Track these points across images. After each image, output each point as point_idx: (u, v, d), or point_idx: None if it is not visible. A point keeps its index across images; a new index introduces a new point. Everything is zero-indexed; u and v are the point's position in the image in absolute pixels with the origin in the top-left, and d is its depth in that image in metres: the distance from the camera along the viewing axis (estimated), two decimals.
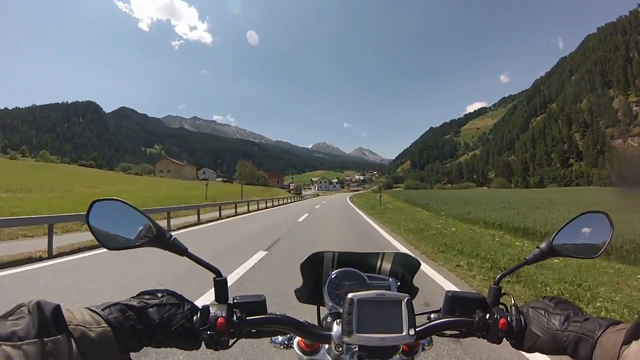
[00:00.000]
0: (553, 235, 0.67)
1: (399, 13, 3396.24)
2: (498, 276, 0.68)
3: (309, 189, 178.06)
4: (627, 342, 0.45)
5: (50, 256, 6.71)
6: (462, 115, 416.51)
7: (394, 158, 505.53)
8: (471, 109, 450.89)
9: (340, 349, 0.62)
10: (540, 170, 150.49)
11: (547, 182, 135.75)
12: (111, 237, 0.59)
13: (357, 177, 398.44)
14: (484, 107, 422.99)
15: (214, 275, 0.63)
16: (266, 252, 7.16)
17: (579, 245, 0.66)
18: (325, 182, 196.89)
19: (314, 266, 0.84)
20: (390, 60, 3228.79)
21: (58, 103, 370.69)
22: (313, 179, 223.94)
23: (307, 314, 0.83)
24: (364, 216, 18.13)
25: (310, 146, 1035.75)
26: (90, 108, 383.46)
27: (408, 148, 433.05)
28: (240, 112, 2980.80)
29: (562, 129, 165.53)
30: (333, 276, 0.82)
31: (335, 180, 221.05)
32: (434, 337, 0.74)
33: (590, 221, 0.67)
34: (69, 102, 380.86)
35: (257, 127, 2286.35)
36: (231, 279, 4.91)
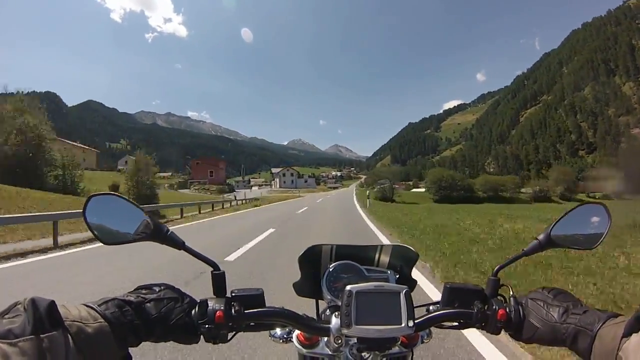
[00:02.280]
0: (551, 226, 0.65)
1: (376, 14, 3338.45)
2: (496, 267, 0.65)
3: (267, 185, 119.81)
4: (626, 334, 0.44)
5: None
6: (441, 111, 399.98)
7: (370, 155, 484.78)
8: (448, 106, 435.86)
9: (339, 341, 0.60)
10: (560, 162, 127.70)
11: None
12: (108, 232, 0.58)
13: (334, 173, 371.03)
14: (463, 104, 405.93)
15: (212, 269, 0.61)
16: None
17: (577, 236, 0.65)
18: (293, 175, 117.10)
19: (312, 260, 0.82)
20: (366, 59, 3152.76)
21: (12, 93, 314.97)
22: (274, 171, 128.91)
23: (306, 307, 0.79)
24: None
25: (285, 143, 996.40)
26: (48, 99, 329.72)
27: (386, 144, 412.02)
28: (216, 109, 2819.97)
29: (568, 119, 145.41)
30: (331, 269, 0.80)
31: (309, 175, 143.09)
32: (433, 329, 0.72)
33: (588, 212, 0.66)
34: (25, 92, 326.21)
35: (233, 123, 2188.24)
36: None
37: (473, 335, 2.67)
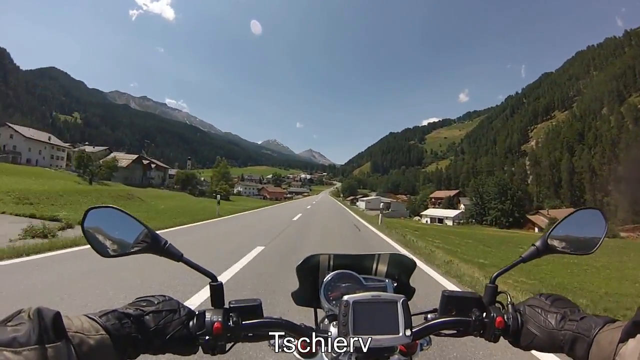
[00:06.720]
0: (548, 232, 0.64)
1: (362, 26, 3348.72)
2: (494, 275, 0.63)
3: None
4: (623, 339, 0.42)
5: None
6: (425, 124, 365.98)
7: (343, 163, 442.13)
8: (428, 122, 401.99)
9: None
10: None
11: None
12: (107, 245, 0.57)
13: (302, 175, 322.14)
14: (448, 119, 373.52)
15: (210, 280, 0.59)
16: None
17: (574, 242, 0.63)
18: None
19: (310, 269, 0.80)
20: (348, 68, 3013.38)
21: None
22: None
23: (305, 317, 0.78)
24: None
25: (260, 142, 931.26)
26: None
27: (365, 151, 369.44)
28: (195, 100, 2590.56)
29: (630, 130, 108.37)
30: (329, 279, 0.79)
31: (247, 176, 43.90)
32: (433, 337, 0.70)
33: (584, 218, 0.64)
34: None
35: (210, 116, 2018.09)
36: None
37: None
